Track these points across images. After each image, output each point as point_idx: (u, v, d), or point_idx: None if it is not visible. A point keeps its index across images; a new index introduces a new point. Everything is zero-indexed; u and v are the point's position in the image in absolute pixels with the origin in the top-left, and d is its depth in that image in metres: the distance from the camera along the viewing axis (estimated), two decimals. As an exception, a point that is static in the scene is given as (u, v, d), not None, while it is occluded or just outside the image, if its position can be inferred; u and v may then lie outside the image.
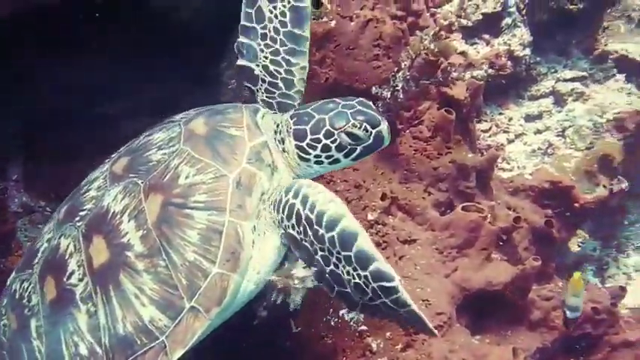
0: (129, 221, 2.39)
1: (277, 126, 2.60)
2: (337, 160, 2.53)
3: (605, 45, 4.64)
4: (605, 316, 4.03)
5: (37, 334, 2.43)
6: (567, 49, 4.81)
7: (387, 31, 3.70)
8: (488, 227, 3.58)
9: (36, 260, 2.57)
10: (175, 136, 2.55)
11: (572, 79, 4.61)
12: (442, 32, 3.55)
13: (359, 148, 2.48)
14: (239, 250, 2.32)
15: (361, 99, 2.53)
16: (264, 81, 2.75)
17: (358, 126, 2.41)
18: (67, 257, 2.45)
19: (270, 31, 2.70)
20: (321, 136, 2.47)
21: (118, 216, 2.42)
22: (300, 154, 2.54)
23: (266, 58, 2.74)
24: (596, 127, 4.32)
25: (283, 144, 2.56)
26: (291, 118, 2.56)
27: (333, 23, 3.64)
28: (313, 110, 2.53)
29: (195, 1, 3.59)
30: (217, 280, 2.29)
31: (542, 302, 3.84)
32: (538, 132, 4.54)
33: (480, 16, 4.12)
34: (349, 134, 2.43)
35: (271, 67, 2.74)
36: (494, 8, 4.14)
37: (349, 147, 2.47)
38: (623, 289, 4.63)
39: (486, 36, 4.35)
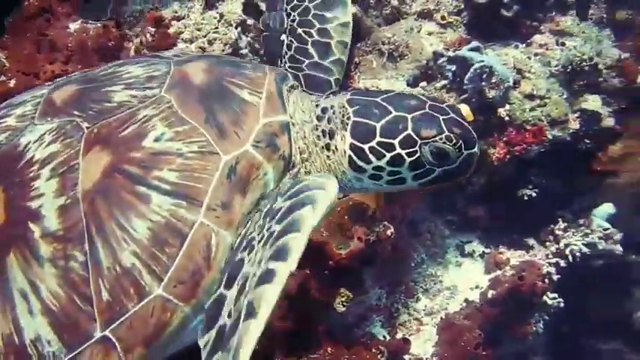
0: (49, 179, 1.57)
1: (322, 110, 1.84)
2: (401, 181, 1.83)
3: (359, 82, 4.33)
4: (376, 383, 3.67)
5: None
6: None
7: (81, 86, 3.19)
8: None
9: None
10: (158, 76, 1.77)
11: (328, 121, 4.25)
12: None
13: (437, 171, 1.79)
14: (203, 271, 1.56)
15: (450, 104, 1.82)
16: (289, 47, 2.13)
17: (453, 141, 1.72)
18: None
19: None
20: (396, 142, 1.75)
21: (37, 166, 1.59)
22: (355, 159, 1.83)
23: (293, 21, 2.13)
24: (351, 172, 3.95)
25: (329, 138, 1.82)
26: (350, 104, 1.80)
27: (12, 82, 3.14)
28: (386, 101, 1.77)
29: None
30: (157, 307, 1.51)
31: (292, 383, 3.39)
32: (294, 183, 4.13)
33: (207, 60, 3.63)
34: (435, 149, 1.73)
35: (299, 30, 2.11)
36: (223, 50, 3.67)
37: (427, 166, 1.77)
38: (406, 341, 4.32)
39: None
